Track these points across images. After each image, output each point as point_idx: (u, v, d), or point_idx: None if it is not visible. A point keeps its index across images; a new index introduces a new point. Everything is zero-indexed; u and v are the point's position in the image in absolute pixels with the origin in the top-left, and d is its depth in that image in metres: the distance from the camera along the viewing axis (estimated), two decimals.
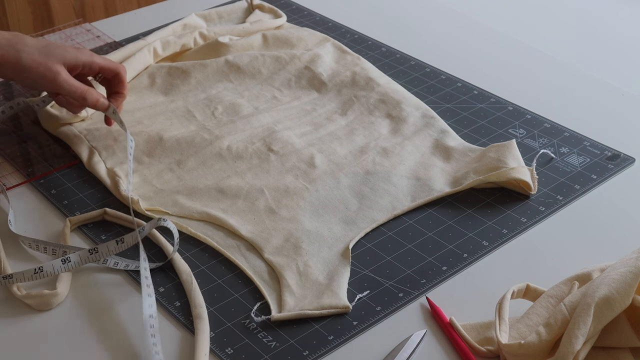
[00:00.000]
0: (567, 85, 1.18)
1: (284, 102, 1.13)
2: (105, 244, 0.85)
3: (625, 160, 1.01)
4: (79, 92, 1.01)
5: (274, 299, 0.83)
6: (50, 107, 1.10)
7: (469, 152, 1.01)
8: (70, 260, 0.83)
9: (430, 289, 0.84)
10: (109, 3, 1.75)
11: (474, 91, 1.15)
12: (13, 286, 0.83)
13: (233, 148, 1.03)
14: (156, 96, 1.16)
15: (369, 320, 0.80)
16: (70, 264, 0.83)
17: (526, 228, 0.91)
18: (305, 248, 0.88)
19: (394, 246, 0.89)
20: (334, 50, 1.23)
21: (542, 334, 0.72)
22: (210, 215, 0.93)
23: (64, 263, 0.83)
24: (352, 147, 1.03)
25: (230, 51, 1.23)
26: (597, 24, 1.34)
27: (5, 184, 1.01)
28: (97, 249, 0.84)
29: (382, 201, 0.94)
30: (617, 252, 0.81)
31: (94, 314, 0.82)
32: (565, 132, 1.06)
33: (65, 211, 0.96)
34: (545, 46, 1.27)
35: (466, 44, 1.29)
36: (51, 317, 0.82)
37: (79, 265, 0.84)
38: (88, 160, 1.03)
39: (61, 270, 0.83)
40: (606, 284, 0.70)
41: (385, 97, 1.12)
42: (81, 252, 0.84)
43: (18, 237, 0.90)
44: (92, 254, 0.84)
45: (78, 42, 1.31)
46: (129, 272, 0.87)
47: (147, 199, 0.96)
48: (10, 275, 0.83)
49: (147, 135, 1.06)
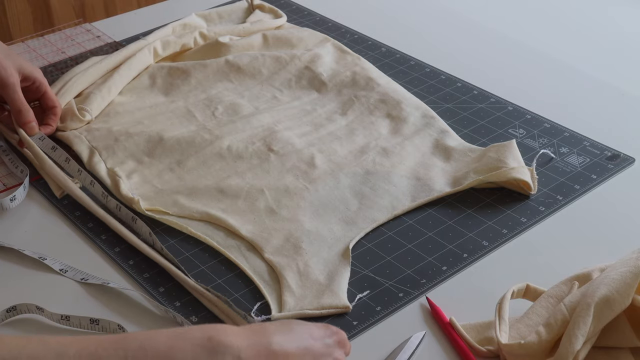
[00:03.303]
0: (567, 85, 1.18)
1: (284, 102, 1.13)
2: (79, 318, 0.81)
3: (625, 160, 1.01)
4: (18, 104, 1.03)
5: (274, 299, 0.83)
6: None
7: (469, 152, 1.01)
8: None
9: (430, 289, 0.84)
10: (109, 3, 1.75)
11: (474, 91, 1.15)
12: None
13: (233, 148, 1.03)
14: (156, 96, 1.16)
15: (369, 320, 0.80)
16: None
17: (526, 228, 0.91)
18: (305, 248, 0.88)
19: (394, 246, 0.89)
20: (334, 51, 1.23)
21: (542, 333, 0.72)
22: (211, 215, 0.93)
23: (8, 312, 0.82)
24: (352, 147, 1.03)
25: (231, 51, 1.23)
26: (596, 24, 1.34)
27: (6, 184, 1.01)
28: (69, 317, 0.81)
29: (382, 201, 0.94)
30: (617, 252, 0.81)
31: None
32: (565, 132, 1.06)
33: (65, 211, 0.96)
34: (545, 46, 1.27)
35: (466, 44, 1.29)
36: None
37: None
38: (88, 160, 1.03)
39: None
40: (606, 284, 0.71)
41: (385, 97, 1.12)
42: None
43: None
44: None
45: (78, 42, 1.31)
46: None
47: (147, 199, 0.97)
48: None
49: (147, 135, 1.06)
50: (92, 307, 0.83)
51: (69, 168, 1.00)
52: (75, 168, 0.99)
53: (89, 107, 1.10)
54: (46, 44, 1.31)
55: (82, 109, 1.10)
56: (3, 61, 1.01)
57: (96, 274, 0.87)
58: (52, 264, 0.88)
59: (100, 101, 1.12)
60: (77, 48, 1.29)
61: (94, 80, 1.17)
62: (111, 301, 0.84)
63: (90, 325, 0.80)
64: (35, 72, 1.06)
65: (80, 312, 0.81)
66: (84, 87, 1.15)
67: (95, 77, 1.17)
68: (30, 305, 0.81)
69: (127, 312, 0.82)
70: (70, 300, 0.84)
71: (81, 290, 0.85)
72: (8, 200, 0.94)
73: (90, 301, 0.84)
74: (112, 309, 0.83)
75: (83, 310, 0.82)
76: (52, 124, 1.07)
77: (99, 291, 0.85)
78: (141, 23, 1.37)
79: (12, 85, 1.02)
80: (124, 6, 1.77)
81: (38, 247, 0.91)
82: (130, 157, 1.03)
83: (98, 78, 1.17)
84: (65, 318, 0.80)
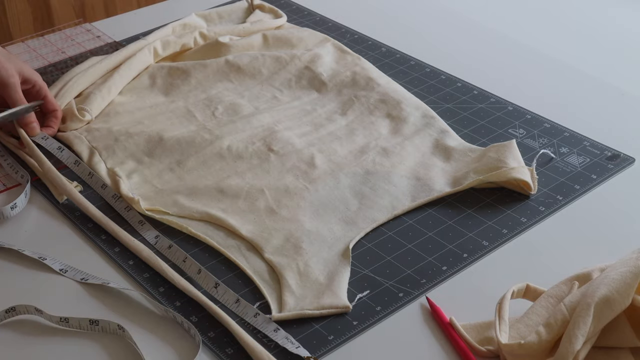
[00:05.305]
0: (566, 85, 1.18)
1: (284, 102, 1.13)
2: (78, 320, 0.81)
3: (625, 160, 1.01)
4: (20, 104, 1.04)
5: (274, 299, 0.83)
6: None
7: (469, 152, 1.01)
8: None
9: (430, 289, 0.84)
10: (109, 3, 1.75)
11: (474, 91, 1.15)
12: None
13: (233, 148, 1.03)
14: (156, 96, 1.16)
15: (369, 320, 0.80)
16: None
17: (526, 228, 0.91)
18: (305, 248, 0.88)
19: (394, 246, 0.89)
20: (334, 51, 1.23)
21: (542, 333, 0.72)
22: (211, 215, 0.93)
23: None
24: (352, 147, 1.03)
25: (231, 51, 1.23)
26: (596, 24, 1.34)
27: (5, 184, 1.01)
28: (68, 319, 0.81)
29: (382, 201, 0.94)
30: (617, 252, 0.81)
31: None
32: (565, 132, 1.06)
33: (65, 211, 0.96)
34: (545, 46, 1.27)
35: (466, 44, 1.29)
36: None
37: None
38: (88, 160, 1.03)
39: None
40: (606, 284, 0.71)
41: (385, 97, 1.12)
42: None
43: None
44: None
45: (78, 42, 1.31)
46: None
47: (147, 199, 0.97)
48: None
49: (147, 135, 1.06)
50: (92, 307, 0.83)
51: (78, 171, 1.00)
52: (86, 171, 0.99)
53: (89, 107, 1.10)
54: (46, 44, 1.31)
55: (82, 109, 1.10)
56: (4, 62, 1.02)
57: (96, 274, 0.87)
58: (52, 264, 0.88)
59: (100, 101, 1.12)
60: (77, 48, 1.29)
61: (94, 80, 1.17)
62: (111, 301, 0.84)
63: (90, 327, 0.80)
64: (35, 75, 1.07)
65: (80, 312, 0.81)
66: (84, 87, 1.15)
67: (95, 77, 1.17)
68: (30, 307, 0.81)
69: (127, 312, 0.82)
70: (70, 300, 0.84)
71: (81, 290, 0.85)
72: (9, 209, 0.94)
73: (90, 301, 0.84)
74: (112, 309, 0.82)
75: (83, 310, 0.82)
76: (54, 126, 1.08)
77: (99, 291, 0.85)
78: (141, 23, 1.37)
79: (13, 85, 1.03)
80: (124, 6, 1.77)
81: (38, 247, 0.91)
82: (130, 157, 1.03)
83: (98, 78, 1.17)
84: (64, 320, 0.80)
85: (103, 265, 0.89)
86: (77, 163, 1.01)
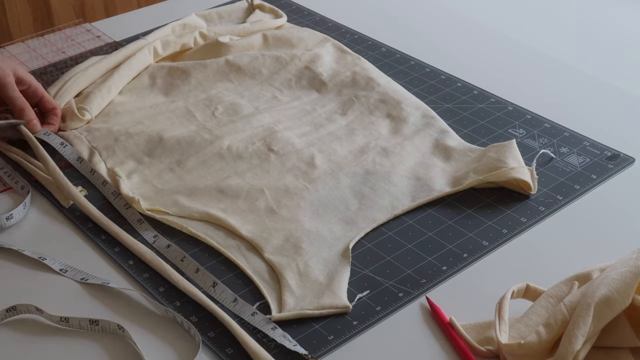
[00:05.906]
0: (566, 85, 1.18)
1: (284, 102, 1.13)
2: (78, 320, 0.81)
3: (625, 160, 1.01)
4: (20, 102, 1.04)
5: (274, 299, 0.83)
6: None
7: (469, 152, 1.01)
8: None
9: (430, 289, 0.84)
10: (109, 3, 1.75)
11: (474, 91, 1.15)
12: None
13: (233, 148, 1.03)
14: (156, 96, 1.16)
15: (369, 320, 0.80)
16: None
17: (526, 228, 0.91)
18: (305, 248, 0.88)
19: (394, 246, 0.89)
20: (334, 51, 1.24)
21: (542, 333, 0.72)
22: (211, 215, 0.93)
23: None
24: (352, 147, 1.03)
25: (231, 51, 1.23)
26: (596, 24, 1.34)
27: (6, 183, 1.01)
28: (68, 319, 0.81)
29: (382, 201, 0.94)
30: (617, 252, 0.81)
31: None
32: (565, 132, 1.06)
33: (65, 211, 0.96)
34: (545, 46, 1.27)
35: (466, 44, 1.29)
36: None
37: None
38: (88, 160, 1.03)
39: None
40: (606, 284, 0.71)
41: (385, 97, 1.12)
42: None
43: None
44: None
45: (78, 42, 1.31)
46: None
47: (147, 199, 0.97)
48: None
49: (147, 135, 1.06)
50: (92, 307, 0.83)
51: (81, 167, 1.00)
52: (88, 168, 0.99)
53: (89, 107, 1.10)
54: (46, 44, 1.31)
55: (82, 108, 1.10)
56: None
57: (96, 274, 0.87)
58: (52, 264, 0.88)
59: (100, 101, 1.12)
60: (77, 48, 1.29)
61: (94, 80, 1.17)
62: (111, 301, 0.84)
63: (90, 326, 0.80)
64: (29, 76, 1.07)
65: (80, 312, 0.81)
66: (83, 87, 1.15)
67: (95, 76, 1.17)
68: (30, 306, 0.81)
69: (127, 312, 0.82)
70: (70, 300, 0.84)
71: (81, 290, 0.85)
72: (4, 219, 0.93)
73: (90, 301, 0.84)
74: (112, 309, 0.82)
75: (83, 310, 0.82)
76: (55, 123, 1.07)
77: (99, 291, 0.85)
78: (141, 23, 1.37)
79: (10, 84, 1.03)
80: (124, 6, 1.77)
81: (38, 247, 0.91)
82: (130, 157, 1.03)
83: (98, 78, 1.17)
84: (64, 320, 0.80)
85: (103, 265, 0.89)
86: (80, 160, 1.01)
